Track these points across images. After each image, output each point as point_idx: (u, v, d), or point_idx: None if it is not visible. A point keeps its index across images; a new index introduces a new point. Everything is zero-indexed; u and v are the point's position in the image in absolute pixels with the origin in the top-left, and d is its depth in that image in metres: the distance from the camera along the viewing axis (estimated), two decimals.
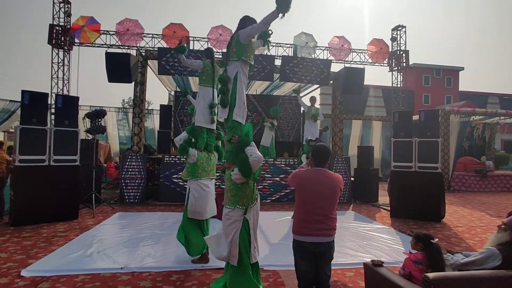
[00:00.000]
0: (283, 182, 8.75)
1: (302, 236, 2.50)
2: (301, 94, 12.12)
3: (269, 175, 8.78)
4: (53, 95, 9.55)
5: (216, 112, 4.22)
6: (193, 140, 4.27)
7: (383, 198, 9.29)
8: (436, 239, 2.66)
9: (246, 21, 3.10)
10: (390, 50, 11.42)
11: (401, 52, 11.51)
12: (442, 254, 2.58)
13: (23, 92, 6.01)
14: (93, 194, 7.25)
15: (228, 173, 2.89)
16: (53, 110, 8.62)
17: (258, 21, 3.00)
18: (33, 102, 6.07)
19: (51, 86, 9.89)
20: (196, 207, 4.06)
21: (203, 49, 9.39)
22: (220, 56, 9.14)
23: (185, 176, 4.23)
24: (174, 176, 8.36)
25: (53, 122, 7.86)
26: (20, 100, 6.18)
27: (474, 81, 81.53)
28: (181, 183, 8.31)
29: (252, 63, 3.20)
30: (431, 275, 2.10)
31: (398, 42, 11.65)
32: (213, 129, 4.46)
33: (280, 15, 2.68)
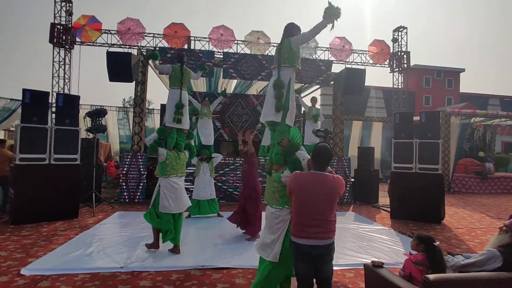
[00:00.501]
0: None
1: (300, 239, 2.47)
2: (302, 95, 12.17)
3: None
4: (54, 94, 9.55)
5: (184, 112, 4.62)
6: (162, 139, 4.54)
7: (383, 199, 9.29)
8: (438, 242, 2.66)
9: (293, 29, 3.24)
10: (391, 51, 11.42)
11: (402, 53, 11.51)
12: (443, 256, 2.58)
13: (24, 90, 6.01)
14: (93, 193, 7.26)
15: (277, 175, 2.96)
16: (54, 109, 8.62)
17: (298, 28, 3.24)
18: (34, 100, 6.07)
19: (52, 85, 9.90)
20: (165, 202, 4.37)
21: (204, 49, 9.41)
22: (221, 56, 9.15)
23: (156, 174, 4.56)
24: None
25: (53, 121, 7.87)
26: (20, 98, 6.18)
27: (475, 83, 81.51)
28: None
29: (300, 69, 3.39)
30: (431, 276, 2.09)
31: (399, 43, 11.65)
32: (183, 129, 4.70)
33: (329, 25, 2.85)
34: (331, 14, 2.77)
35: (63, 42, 9.67)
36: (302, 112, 11.27)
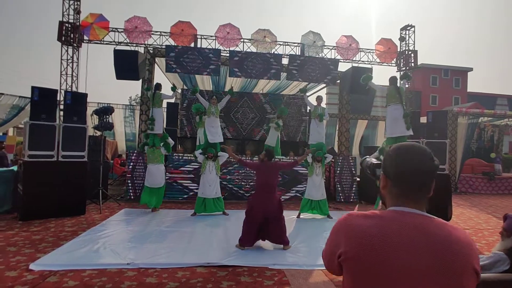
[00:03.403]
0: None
1: None
2: (308, 94, 12.13)
3: None
4: (62, 91, 9.64)
5: (155, 123, 7.07)
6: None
7: None
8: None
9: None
10: (399, 50, 11.32)
11: (410, 52, 11.40)
12: None
13: (33, 88, 6.09)
14: (100, 190, 7.33)
15: None
16: (61, 107, 8.70)
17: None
18: (42, 98, 6.15)
19: (60, 83, 9.99)
20: (148, 180, 6.97)
21: (211, 47, 9.42)
22: (228, 55, 9.15)
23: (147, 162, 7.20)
24: (180, 173, 8.41)
25: (61, 118, 7.94)
26: (29, 96, 6.26)
27: (483, 82, 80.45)
28: (185, 183, 8.37)
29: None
30: None
31: (407, 42, 11.54)
32: (158, 133, 7.11)
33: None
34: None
35: (71, 40, 9.74)
36: (308, 111, 11.26)
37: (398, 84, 6.22)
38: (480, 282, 2.08)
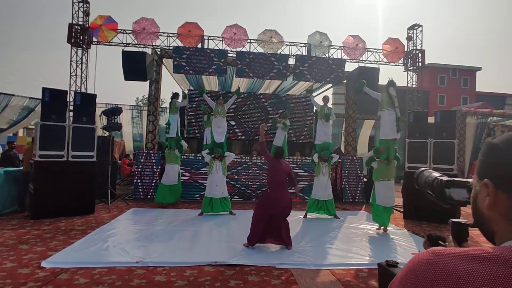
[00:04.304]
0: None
1: None
2: (314, 94, 12.11)
3: None
4: (72, 92, 9.79)
5: (170, 127, 7.77)
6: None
7: (396, 199, 9.18)
8: (447, 243, 2.63)
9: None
10: (406, 49, 11.25)
11: (417, 52, 11.33)
12: None
13: (44, 89, 6.19)
14: (109, 190, 7.42)
15: None
16: (71, 107, 8.84)
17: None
18: (53, 99, 6.25)
19: (70, 84, 10.14)
20: (164, 178, 7.64)
21: (217, 48, 9.48)
22: (235, 55, 9.20)
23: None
24: (187, 172, 8.48)
25: (71, 119, 8.07)
26: (39, 97, 6.37)
27: (492, 82, 79.33)
28: (193, 181, 8.43)
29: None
30: None
31: (414, 41, 11.47)
32: (173, 137, 7.73)
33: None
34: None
35: (81, 42, 9.90)
36: (314, 111, 11.25)
37: (363, 89, 6.72)
38: None
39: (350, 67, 10.42)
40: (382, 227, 6.00)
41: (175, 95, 8.06)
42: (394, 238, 5.49)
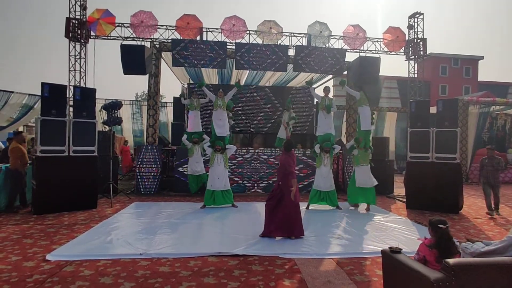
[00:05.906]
0: (301, 174, 8.78)
1: None
2: (314, 86, 12.03)
3: None
4: (71, 87, 9.75)
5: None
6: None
7: (398, 190, 9.19)
8: (447, 225, 2.64)
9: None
10: (407, 38, 11.15)
11: (418, 41, 11.22)
12: (451, 240, 2.57)
13: (43, 84, 6.16)
14: (111, 185, 7.43)
15: None
16: (71, 102, 8.81)
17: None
18: (52, 94, 6.23)
19: (69, 79, 10.10)
20: (190, 169, 7.76)
21: (216, 40, 9.40)
22: (234, 47, 9.12)
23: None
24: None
25: (71, 114, 8.05)
26: (38, 93, 6.34)
27: (494, 71, 78.70)
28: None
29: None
30: (451, 260, 2.08)
31: (415, 30, 11.35)
32: (199, 131, 7.84)
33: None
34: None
35: (78, 36, 9.83)
36: (315, 103, 11.19)
37: (342, 88, 7.66)
38: (494, 266, 2.07)
39: (350, 57, 10.34)
40: (366, 206, 6.86)
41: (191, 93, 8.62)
42: (397, 227, 5.49)
